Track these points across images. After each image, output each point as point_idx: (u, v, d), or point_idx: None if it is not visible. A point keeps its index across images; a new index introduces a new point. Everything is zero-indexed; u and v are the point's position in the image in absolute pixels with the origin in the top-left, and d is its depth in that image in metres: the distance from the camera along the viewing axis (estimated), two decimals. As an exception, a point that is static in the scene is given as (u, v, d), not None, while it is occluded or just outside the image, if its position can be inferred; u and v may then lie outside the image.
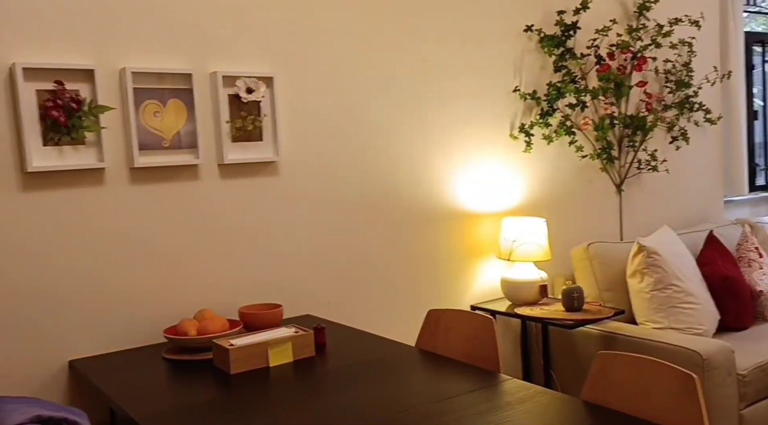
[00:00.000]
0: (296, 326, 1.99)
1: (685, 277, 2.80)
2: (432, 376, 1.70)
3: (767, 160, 4.45)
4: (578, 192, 3.30)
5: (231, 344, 1.82)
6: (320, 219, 2.54)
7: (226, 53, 2.30)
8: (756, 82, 4.36)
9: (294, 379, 1.71)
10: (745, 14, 4.34)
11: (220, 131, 2.27)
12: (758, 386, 2.48)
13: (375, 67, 2.65)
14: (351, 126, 2.60)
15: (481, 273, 3.00)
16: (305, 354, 1.88)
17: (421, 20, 2.76)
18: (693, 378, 1.29)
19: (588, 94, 3.19)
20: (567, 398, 1.47)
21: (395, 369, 1.75)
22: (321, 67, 2.52)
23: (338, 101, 2.57)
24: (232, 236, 2.34)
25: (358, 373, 1.73)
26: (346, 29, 2.57)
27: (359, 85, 2.62)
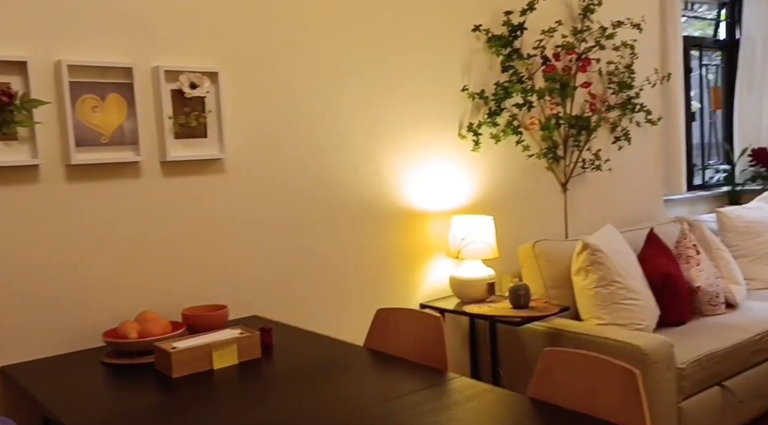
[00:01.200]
0: (242, 327, 1.94)
1: (628, 274, 2.88)
2: (380, 376, 1.68)
3: (704, 160, 4.62)
4: (525, 191, 3.35)
5: (173, 347, 1.76)
6: (268, 218, 2.49)
7: (169, 47, 2.23)
8: (693, 85, 4.53)
9: (239, 382, 1.67)
10: (684, 19, 4.50)
11: (163, 127, 2.20)
12: (695, 379, 2.57)
13: (324, 64, 2.62)
14: (300, 124, 2.57)
15: (431, 272, 3.00)
16: (251, 355, 1.84)
17: (370, 18, 2.75)
18: (634, 373, 1.32)
19: (534, 95, 3.24)
20: (513, 395, 1.48)
21: (343, 369, 1.73)
22: (268, 64, 2.47)
23: (286, 98, 2.53)
24: (176, 235, 2.27)
25: (305, 375, 1.70)
26: (294, 26, 2.53)
27: (308, 82, 2.58)
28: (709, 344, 2.71)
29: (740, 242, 3.70)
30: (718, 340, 2.76)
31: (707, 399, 2.62)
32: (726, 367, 2.71)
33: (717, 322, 3.02)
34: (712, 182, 4.61)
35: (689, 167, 4.37)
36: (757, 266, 3.67)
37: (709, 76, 4.68)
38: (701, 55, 4.57)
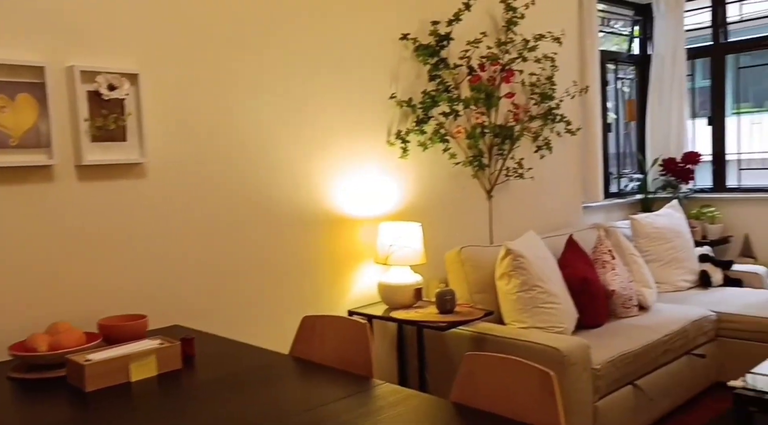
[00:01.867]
0: (162, 337, 1.88)
1: (548, 279, 2.98)
2: (305, 384, 1.67)
3: (620, 169, 4.86)
4: (452, 198, 3.41)
5: (87, 359, 1.68)
6: (191, 224, 2.43)
7: (86, 47, 2.14)
8: (610, 97, 4.76)
9: (158, 394, 1.62)
10: (602, 34, 4.72)
11: (79, 130, 2.10)
12: (610, 379, 2.68)
13: (251, 69, 2.58)
14: (225, 128, 2.52)
15: (359, 278, 3.01)
16: (171, 366, 1.78)
17: (298, 23, 2.73)
18: (550, 375, 1.37)
19: (460, 104, 3.32)
20: (436, 400, 1.50)
21: (268, 378, 1.70)
22: (193, 66, 2.41)
23: (211, 102, 2.47)
24: (93, 242, 2.18)
25: (227, 385, 1.66)
26: (220, 27, 2.49)
27: (234, 86, 2.54)
28: (622, 345, 2.85)
29: (651, 247, 3.91)
30: (631, 341, 2.90)
31: (621, 398, 2.75)
32: (638, 367, 2.85)
33: (630, 324, 3.17)
34: (627, 190, 4.84)
35: (606, 175, 4.58)
36: (666, 270, 3.89)
37: (624, 89, 4.93)
38: (617, 69, 4.81)
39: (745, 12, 4.66)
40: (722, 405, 3.17)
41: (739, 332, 3.34)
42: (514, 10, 3.54)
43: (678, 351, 3.11)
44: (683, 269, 3.92)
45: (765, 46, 4.52)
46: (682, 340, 3.13)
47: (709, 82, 4.82)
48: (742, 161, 4.70)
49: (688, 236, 4.06)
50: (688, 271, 3.93)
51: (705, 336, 3.32)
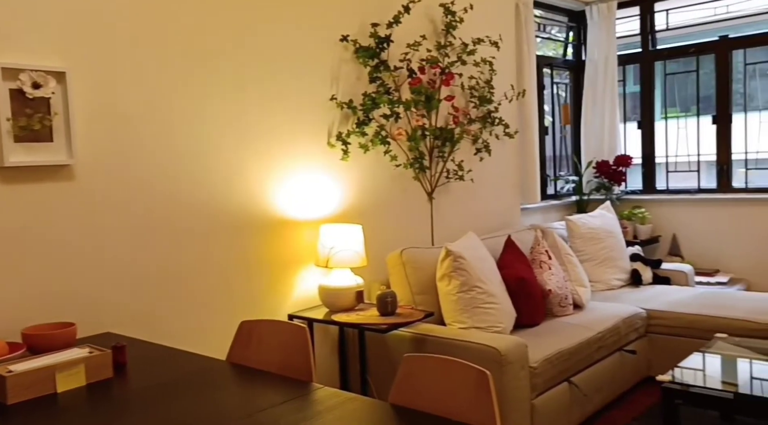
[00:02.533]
0: (91, 346, 1.81)
1: (488, 279, 3.03)
2: (243, 390, 1.64)
3: (556, 171, 4.99)
4: (393, 200, 3.42)
5: (9, 370, 1.60)
6: (123, 228, 2.34)
7: (9, 43, 2.03)
8: (546, 101, 4.88)
9: (87, 405, 1.55)
10: (539, 40, 4.84)
11: (0, 130, 2.00)
12: (546, 377, 2.75)
13: (186, 68, 2.52)
14: (159, 129, 2.45)
15: (300, 281, 2.98)
16: (101, 376, 1.71)
17: (237, 23, 2.68)
18: (486, 374, 1.39)
19: (401, 106, 3.33)
20: (376, 403, 1.50)
21: (204, 385, 1.66)
22: (125, 64, 2.33)
23: (146, 102, 2.40)
24: (17, 247, 2.07)
25: (161, 392, 1.61)
26: (153, 26, 2.41)
27: (168, 85, 2.47)
28: (558, 343, 2.92)
29: (586, 247, 4.04)
30: (567, 339, 2.98)
31: (557, 394, 2.82)
32: (573, 364, 2.93)
33: (566, 322, 3.26)
34: (563, 191, 4.98)
35: (543, 177, 4.70)
36: (600, 269, 4.02)
37: (560, 94, 5.07)
38: (553, 73, 4.94)
39: (671, 21, 4.88)
40: (652, 399, 3.30)
41: (668, 328, 3.48)
42: (453, 14, 3.58)
43: (611, 347, 3.22)
44: (616, 268, 4.06)
45: (690, 54, 4.74)
46: (614, 337, 3.24)
47: (639, 88, 5.02)
48: (669, 163, 4.91)
49: (620, 236, 4.21)
50: (620, 270, 4.08)
51: (636, 332, 3.45)
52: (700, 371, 2.64)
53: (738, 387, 2.43)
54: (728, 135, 4.57)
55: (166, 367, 1.82)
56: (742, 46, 4.51)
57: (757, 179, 4.53)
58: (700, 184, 4.74)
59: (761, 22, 4.51)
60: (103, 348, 1.79)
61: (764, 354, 2.78)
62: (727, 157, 4.58)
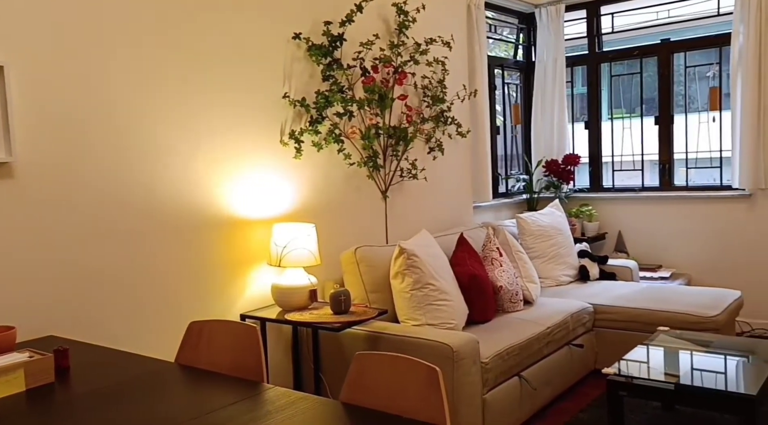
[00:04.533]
0: (32, 350, 1.75)
1: (440, 277, 3.07)
2: (192, 392, 1.61)
3: (507, 170, 5.08)
4: (347, 198, 3.42)
5: (-56, 378, 1.53)
6: (67, 227, 2.27)
7: (-59, 34, 1.95)
8: (499, 101, 4.96)
9: (27, 411, 1.50)
10: (491, 41, 4.92)
11: (-67, 125, 1.91)
12: (497, 372, 2.80)
13: (136, 66, 2.46)
14: (107, 127, 2.38)
15: (253, 281, 2.95)
16: (43, 381, 1.66)
17: (185, 18, 2.63)
18: (436, 370, 1.40)
19: (354, 105, 3.34)
20: (326, 401, 1.50)
21: (151, 387, 1.63)
22: (70, 60, 2.26)
23: (90, 98, 2.33)
24: (-49, 249, 1.98)
25: (107, 396, 1.57)
26: (98, 20, 2.35)
27: (115, 81, 2.40)
28: (509, 338, 2.98)
29: (536, 244, 4.13)
30: (517, 334, 3.04)
31: (507, 389, 2.87)
32: (523, 359, 2.99)
33: (516, 318, 3.33)
34: (514, 190, 5.08)
35: (494, 176, 4.78)
36: (549, 265, 4.12)
37: (511, 94, 5.16)
38: (504, 74, 5.03)
39: (617, 24, 5.03)
40: (598, 391, 3.40)
41: (613, 322, 3.59)
42: (405, 13, 3.61)
43: (559, 342, 3.30)
44: (564, 264, 4.17)
45: (634, 57, 4.90)
46: (563, 332, 3.33)
47: (586, 89, 5.15)
48: (615, 162, 5.06)
49: (568, 233, 4.32)
50: (568, 266, 4.18)
51: (583, 327, 3.55)
52: (644, 363, 2.73)
53: (679, 378, 2.52)
54: (670, 135, 4.74)
55: (111, 371, 1.78)
56: (683, 50, 4.68)
57: (696, 177, 4.72)
58: (644, 182, 4.90)
59: (700, 27, 4.69)
60: (44, 351, 1.74)
61: (703, 346, 2.90)
62: (669, 156, 4.75)
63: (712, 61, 4.58)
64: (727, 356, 2.78)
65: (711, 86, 4.61)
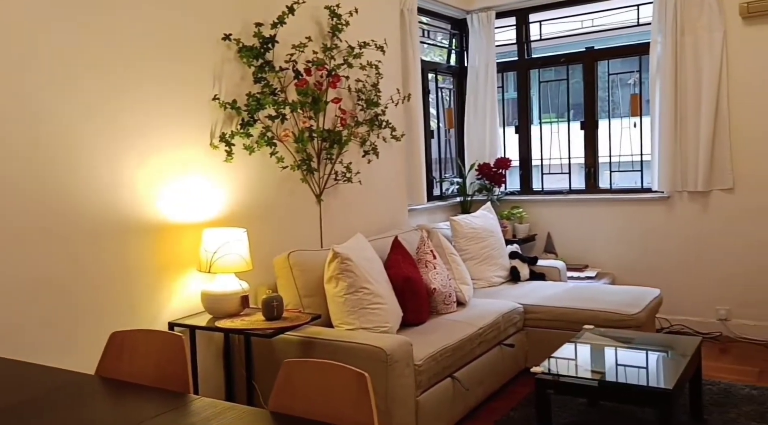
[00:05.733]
0: (-63, 367, 1.64)
1: (375, 280, 3.07)
2: (113, 405, 1.55)
3: (441, 173, 5.15)
4: (281, 202, 3.38)
5: None
6: (-22, 235, 2.14)
7: None
8: (432, 105, 5.03)
9: (-70, 434, 1.40)
10: (426, 45, 4.97)
11: None
12: (430, 374, 2.83)
13: (54, 58, 2.35)
14: (25, 129, 2.26)
15: (182, 288, 2.87)
16: (-52, 400, 1.55)
17: (111, 17, 2.54)
18: (365, 376, 1.40)
19: (287, 107, 3.30)
20: (254, 411, 1.48)
21: (69, 402, 1.55)
22: (-23, 57, 2.14)
23: (9, 100, 2.21)
24: None
25: (21, 413, 1.49)
26: (16, 14, 2.23)
27: (36, 83, 2.29)
28: (442, 340, 3.02)
29: (469, 246, 4.20)
30: (450, 336, 3.08)
31: (440, 390, 2.91)
32: (456, 360, 3.04)
33: (450, 319, 3.37)
34: (448, 193, 5.15)
35: (429, 179, 4.83)
36: (482, 267, 4.20)
37: (445, 98, 5.24)
38: (437, 78, 5.10)
39: (544, 32, 5.19)
40: (529, 389, 3.48)
41: (543, 321, 3.70)
42: (338, 17, 3.60)
43: (491, 342, 3.37)
44: (496, 265, 4.26)
45: (561, 64, 5.06)
46: (494, 332, 3.40)
47: (517, 94, 5.29)
48: (544, 166, 5.21)
49: (500, 235, 4.42)
50: (500, 267, 4.28)
51: (514, 326, 3.63)
52: (570, 361, 2.82)
53: (603, 375, 2.62)
54: (595, 140, 4.92)
55: (25, 385, 1.69)
56: (606, 58, 4.88)
57: (620, 180, 4.92)
58: (571, 185, 5.07)
59: (622, 36, 4.90)
60: (-49, 368, 1.63)
61: (625, 343, 3.02)
62: (594, 160, 4.94)
63: (633, 69, 4.80)
64: (647, 352, 2.91)
65: (632, 93, 4.82)
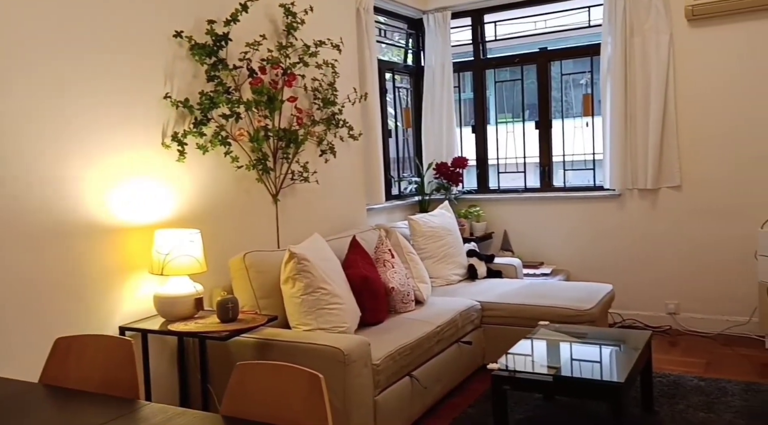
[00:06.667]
0: None
1: (332, 280, 3.05)
2: (58, 413, 1.50)
3: (399, 173, 5.16)
4: (236, 202, 3.33)
5: None
6: None
7: None
8: (390, 105, 5.03)
9: None
10: (383, 45, 4.97)
11: None
12: (388, 373, 2.82)
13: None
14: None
15: (133, 291, 2.79)
16: None
17: (56, 13, 2.45)
18: (318, 377, 1.39)
19: (242, 106, 3.25)
20: (206, 416, 1.45)
21: (11, 411, 1.49)
22: None
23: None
24: None
25: (-44, 427, 1.42)
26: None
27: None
28: (400, 338, 3.02)
29: (427, 245, 4.22)
30: (408, 334, 3.09)
31: (399, 389, 2.91)
32: (414, 358, 3.04)
33: (408, 318, 3.38)
34: (407, 192, 5.16)
35: (387, 178, 4.83)
36: (440, 265, 4.22)
37: (402, 98, 5.25)
38: (394, 78, 5.10)
39: (499, 33, 5.25)
40: (487, 386, 3.52)
41: (499, 318, 3.74)
42: (293, 15, 3.56)
43: (449, 340, 3.39)
44: (454, 264, 4.29)
45: (515, 64, 5.13)
46: (452, 330, 3.42)
47: (473, 94, 5.34)
48: (501, 165, 5.28)
49: (457, 233, 4.45)
50: (458, 265, 4.31)
51: (472, 324, 3.66)
52: (526, 356, 2.86)
53: (558, 370, 2.66)
54: (549, 139, 5.01)
55: (-35, 396, 1.62)
56: (559, 58, 4.97)
57: (573, 178, 5.02)
58: (527, 184, 5.15)
59: (574, 37, 5.00)
60: None
61: (579, 338, 3.08)
62: (549, 159, 5.02)
63: (586, 70, 4.90)
64: (600, 346, 2.97)
65: (584, 93, 4.92)
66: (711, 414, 3.01)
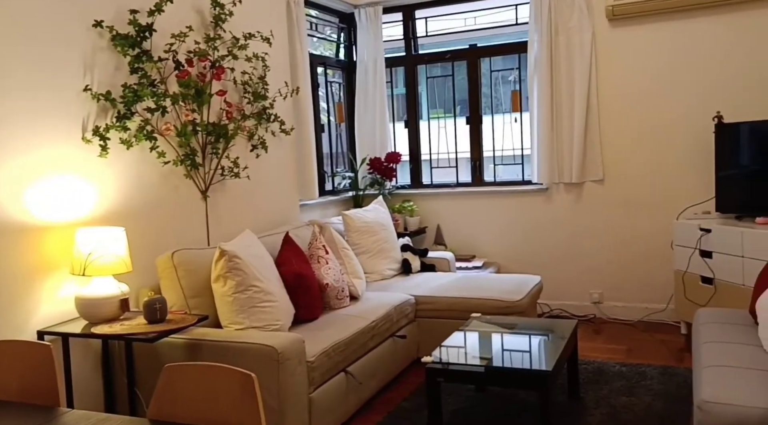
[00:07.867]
0: None
1: (265, 278, 3.01)
2: (-31, 427, 1.40)
3: (333, 168, 5.13)
4: (163, 199, 3.22)
5: None
6: None
7: None
8: (323, 99, 4.99)
9: None
10: (315, 39, 4.92)
11: None
12: (323, 369, 2.81)
13: None
14: None
15: (53, 293, 2.66)
16: None
17: (-44, -5, 2.29)
18: (251, 376, 1.36)
19: (168, 100, 3.14)
20: (132, 420, 1.39)
21: None
22: None
23: None
24: None
25: None
26: None
27: None
28: (335, 335, 3.01)
29: (361, 240, 4.22)
30: (343, 330, 3.08)
31: (334, 386, 2.89)
32: (349, 354, 3.04)
33: (343, 314, 3.37)
34: (340, 187, 5.14)
35: (321, 174, 4.79)
36: (374, 260, 4.23)
37: (335, 92, 5.21)
38: (326, 72, 5.07)
39: (430, 29, 5.30)
40: (421, 379, 3.56)
41: (433, 311, 3.78)
42: (221, 6, 3.48)
43: (384, 334, 3.40)
44: (389, 259, 4.31)
45: (446, 60, 5.20)
46: (387, 324, 3.44)
47: (405, 90, 5.37)
48: (433, 160, 5.34)
49: (391, 228, 4.47)
50: (392, 260, 4.33)
51: (406, 318, 3.69)
52: (459, 348, 2.91)
53: (490, 361, 2.72)
54: (479, 135, 5.11)
55: None
56: (488, 55, 5.06)
57: (503, 173, 5.14)
58: (459, 179, 5.23)
59: (503, 35, 5.11)
60: None
61: (509, 329, 3.16)
62: (479, 154, 5.12)
63: (514, 67, 5.01)
64: (530, 336, 3.06)
65: (513, 90, 5.04)
66: (632, 398, 3.15)
